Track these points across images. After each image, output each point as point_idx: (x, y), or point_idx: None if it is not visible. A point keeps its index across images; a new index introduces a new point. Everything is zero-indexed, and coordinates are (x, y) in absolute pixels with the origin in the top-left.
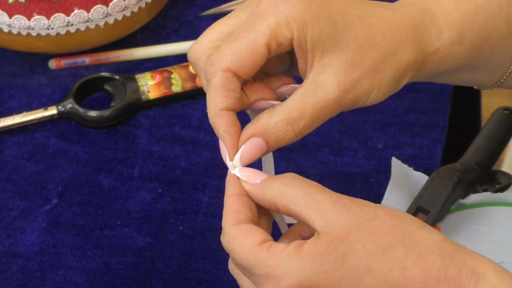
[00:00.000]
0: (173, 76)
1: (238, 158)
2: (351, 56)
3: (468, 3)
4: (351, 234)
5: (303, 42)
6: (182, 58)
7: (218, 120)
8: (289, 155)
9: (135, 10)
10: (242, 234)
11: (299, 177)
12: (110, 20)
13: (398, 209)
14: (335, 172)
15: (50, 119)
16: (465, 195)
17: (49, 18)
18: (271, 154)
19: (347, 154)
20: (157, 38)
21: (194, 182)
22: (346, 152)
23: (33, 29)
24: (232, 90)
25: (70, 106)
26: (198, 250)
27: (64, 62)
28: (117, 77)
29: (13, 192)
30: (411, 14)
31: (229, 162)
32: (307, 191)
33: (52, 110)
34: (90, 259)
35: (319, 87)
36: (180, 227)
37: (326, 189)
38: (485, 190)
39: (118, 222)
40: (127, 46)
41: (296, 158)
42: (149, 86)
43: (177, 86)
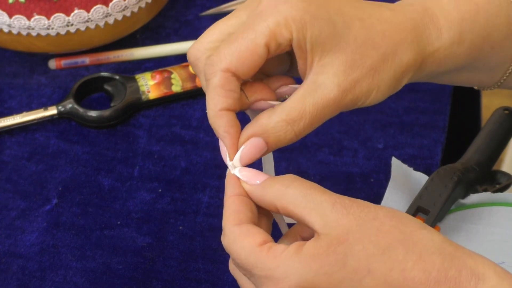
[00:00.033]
0: (173, 76)
1: (238, 158)
2: (351, 56)
3: (468, 3)
4: (351, 235)
5: (303, 43)
6: (182, 58)
7: (217, 120)
8: (289, 155)
9: (135, 10)
10: (243, 235)
11: (299, 178)
12: (110, 20)
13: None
14: (335, 172)
15: (50, 119)
16: (465, 195)
17: (49, 18)
18: (271, 155)
19: (347, 154)
20: (157, 38)
21: (194, 182)
22: (346, 152)
23: (33, 29)
24: (231, 90)
25: (70, 106)
26: (198, 250)
27: (64, 62)
28: (117, 77)
29: (13, 192)
30: (411, 14)
31: (229, 162)
32: (307, 193)
33: (52, 110)
34: (90, 259)
35: (319, 87)
36: (180, 227)
37: (326, 190)
38: (485, 190)
39: (118, 222)
40: (127, 46)
41: (296, 158)
42: (149, 86)
43: (177, 86)
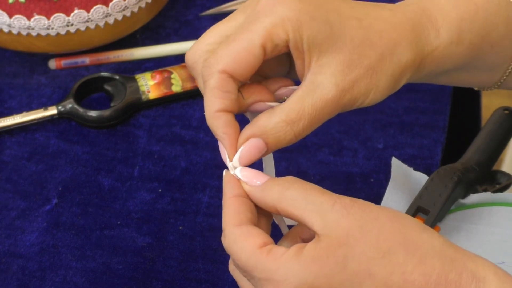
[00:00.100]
0: (173, 76)
1: (237, 159)
2: (349, 56)
3: (467, 3)
4: (351, 237)
5: (299, 43)
6: (182, 58)
7: (215, 121)
8: (289, 155)
9: (135, 10)
10: (243, 236)
11: (299, 180)
12: (110, 20)
13: (398, 209)
14: (335, 172)
15: (50, 119)
16: (465, 195)
17: (49, 18)
18: (271, 155)
19: (347, 154)
20: (157, 38)
21: (194, 182)
22: (346, 152)
23: (33, 29)
24: (228, 91)
25: (70, 106)
26: (198, 250)
27: (64, 62)
28: (117, 77)
29: (13, 192)
30: (409, 14)
31: (229, 163)
32: (307, 194)
33: (52, 110)
34: (90, 259)
35: (317, 88)
36: (180, 227)
37: (326, 191)
38: (485, 190)
39: (118, 222)
40: (127, 46)
41: (296, 158)
42: (149, 86)
43: (177, 86)
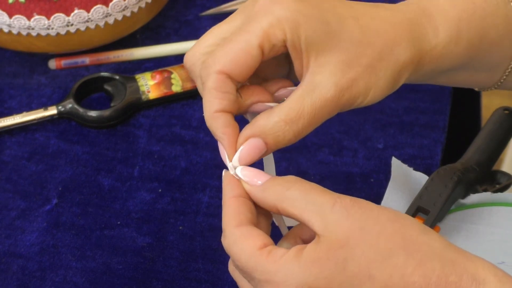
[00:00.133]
0: (173, 76)
1: (236, 159)
2: (347, 55)
3: (465, 3)
4: (352, 239)
5: (297, 43)
6: (182, 58)
7: (214, 122)
8: (289, 155)
9: (135, 10)
10: (243, 237)
11: (300, 179)
12: (110, 20)
13: (398, 209)
14: (335, 172)
15: (50, 119)
16: (465, 195)
17: (49, 18)
18: (272, 155)
19: (347, 154)
20: (157, 38)
21: (194, 182)
22: (346, 152)
23: (33, 29)
24: (226, 92)
25: (70, 106)
26: (198, 250)
27: (64, 62)
28: (117, 77)
29: (13, 192)
30: (407, 14)
31: (229, 163)
32: (307, 194)
33: (52, 110)
34: (90, 259)
35: (316, 87)
36: (180, 227)
37: (327, 190)
38: (485, 190)
39: (118, 222)
40: (127, 46)
41: (296, 158)
42: (149, 86)
43: (177, 86)
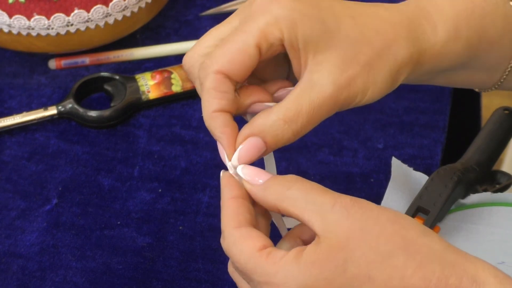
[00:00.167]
0: (173, 76)
1: (236, 158)
2: (344, 53)
3: (464, 2)
4: (352, 240)
5: (294, 42)
6: (182, 58)
7: (212, 122)
8: (289, 155)
9: (135, 10)
10: (243, 238)
11: (301, 179)
12: (110, 20)
13: (398, 209)
14: (335, 172)
15: (50, 119)
16: (465, 195)
17: (49, 18)
18: (272, 154)
19: (347, 154)
20: (157, 38)
21: (194, 182)
22: (346, 152)
23: (33, 29)
24: (224, 92)
25: (70, 106)
26: (198, 250)
27: (64, 62)
28: (117, 77)
29: (13, 192)
30: (405, 13)
31: (228, 163)
32: (308, 194)
33: (52, 110)
34: (90, 259)
35: (315, 86)
36: (180, 227)
37: (327, 190)
38: (485, 190)
39: (118, 222)
40: (127, 46)
41: (296, 158)
42: (149, 86)
43: (177, 86)
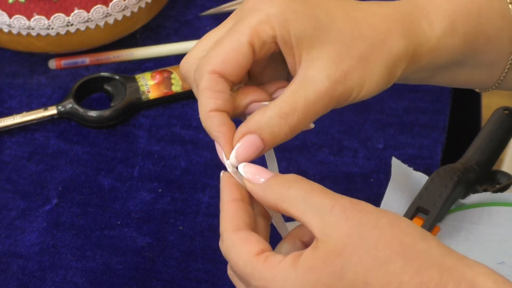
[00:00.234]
0: (173, 76)
1: (233, 156)
2: (339, 48)
3: None
4: (349, 246)
5: (287, 38)
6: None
7: (209, 121)
8: (289, 155)
9: (135, 10)
10: (241, 242)
11: (301, 179)
12: (110, 20)
13: (398, 209)
14: (335, 172)
15: (50, 119)
16: (465, 195)
17: (49, 18)
18: (273, 153)
19: (347, 154)
20: (157, 38)
21: (194, 182)
22: (346, 152)
23: (33, 29)
24: (220, 91)
25: (70, 106)
26: (198, 250)
27: (64, 62)
28: (117, 77)
29: (13, 192)
30: (400, 8)
31: (226, 162)
32: (307, 194)
33: (52, 110)
34: (90, 259)
35: (309, 81)
36: (180, 227)
37: (328, 191)
38: (485, 190)
39: (118, 222)
40: (127, 46)
41: (296, 158)
42: (149, 86)
43: (177, 86)
